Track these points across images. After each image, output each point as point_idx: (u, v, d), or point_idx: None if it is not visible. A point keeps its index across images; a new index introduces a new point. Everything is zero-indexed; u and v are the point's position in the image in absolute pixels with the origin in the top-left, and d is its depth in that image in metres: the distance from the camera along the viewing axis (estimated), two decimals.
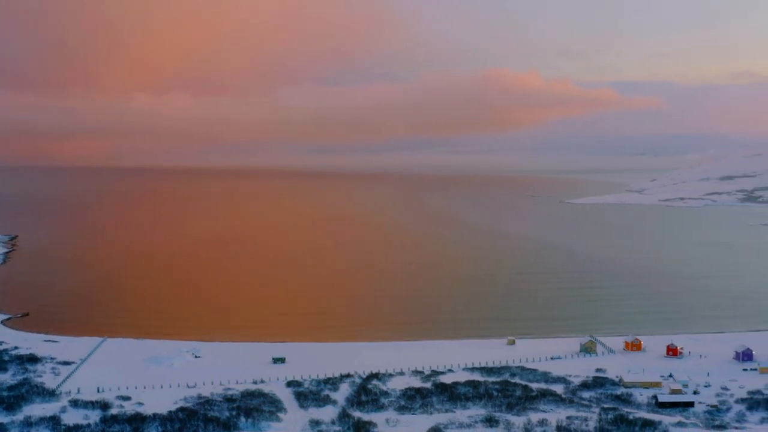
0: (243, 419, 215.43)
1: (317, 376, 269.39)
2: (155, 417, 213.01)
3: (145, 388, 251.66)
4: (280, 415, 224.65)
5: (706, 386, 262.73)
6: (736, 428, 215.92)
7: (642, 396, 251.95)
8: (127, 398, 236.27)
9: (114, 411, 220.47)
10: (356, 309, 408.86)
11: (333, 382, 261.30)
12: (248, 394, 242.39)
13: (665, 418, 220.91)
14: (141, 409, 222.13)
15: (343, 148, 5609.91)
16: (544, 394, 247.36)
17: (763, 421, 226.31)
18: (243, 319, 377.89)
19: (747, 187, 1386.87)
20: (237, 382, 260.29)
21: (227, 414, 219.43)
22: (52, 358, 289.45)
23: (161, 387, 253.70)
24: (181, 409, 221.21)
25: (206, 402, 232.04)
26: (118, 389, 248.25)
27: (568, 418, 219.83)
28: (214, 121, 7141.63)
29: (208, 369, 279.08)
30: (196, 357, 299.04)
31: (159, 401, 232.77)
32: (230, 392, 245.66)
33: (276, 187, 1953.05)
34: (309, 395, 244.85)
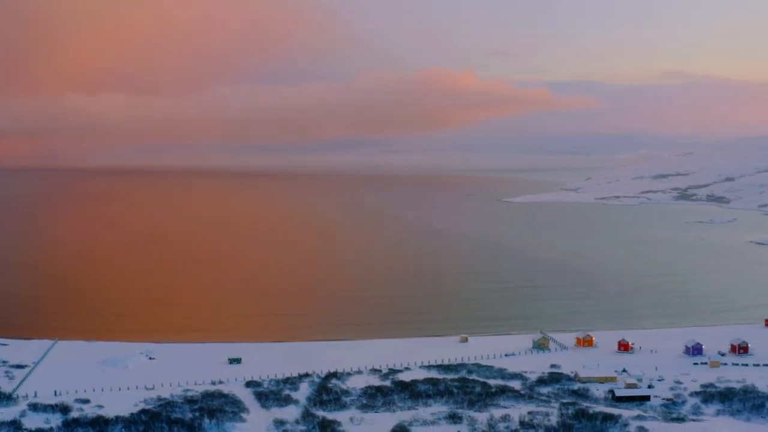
0: (207, 420, 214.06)
1: (275, 376, 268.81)
2: (118, 420, 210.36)
3: (102, 390, 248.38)
4: (243, 415, 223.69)
5: (659, 380, 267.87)
6: (694, 420, 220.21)
7: (598, 391, 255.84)
8: (86, 401, 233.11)
9: (75, 414, 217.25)
10: (307, 309, 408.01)
11: (292, 382, 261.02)
12: (208, 395, 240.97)
13: (624, 412, 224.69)
14: (102, 412, 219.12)
15: (280, 148, 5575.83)
16: (503, 391, 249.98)
17: (718, 413, 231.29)
18: (195, 320, 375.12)
19: (681, 186, 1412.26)
20: (195, 383, 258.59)
21: (190, 415, 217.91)
22: (4, 362, 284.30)
23: (119, 389, 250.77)
24: (143, 411, 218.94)
25: (167, 404, 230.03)
26: (76, 392, 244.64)
27: (530, 413, 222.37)
28: (149, 120, 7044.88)
29: (163, 370, 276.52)
30: (150, 359, 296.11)
31: (119, 403, 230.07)
32: (190, 393, 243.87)
33: (213, 187, 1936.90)
34: (270, 395, 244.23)
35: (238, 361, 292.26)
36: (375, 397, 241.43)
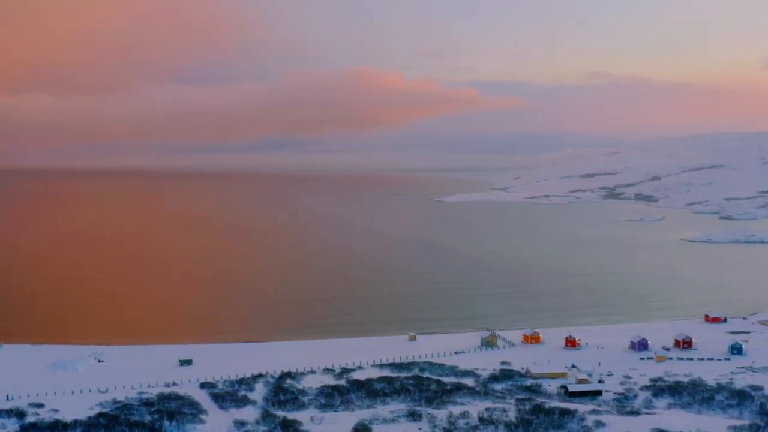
0: (167, 422, 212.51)
1: (229, 377, 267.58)
2: (77, 424, 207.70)
3: (55, 394, 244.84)
4: (202, 417, 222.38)
5: (608, 375, 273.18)
6: (647, 414, 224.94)
7: (550, 386, 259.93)
8: (41, 405, 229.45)
9: (31, 419, 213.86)
10: (254, 310, 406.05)
11: (247, 383, 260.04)
12: (164, 397, 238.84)
13: (579, 407, 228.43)
14: (58, 416, 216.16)
15: (209, 148, 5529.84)
16: (458, 388, 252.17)
17: (670, 406, 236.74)
18: (142, 322, 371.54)
19: (608, 185, 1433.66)
20: (149, 386, 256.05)
21: (149, 418, 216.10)
22: None
23: (72, 393, 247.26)
24: (101, 415, 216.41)
25: (124, 406, 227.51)
26: (28, 396, 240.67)
27: (487, 409, 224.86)
28: (74, 120, 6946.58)
29: (114, 373, 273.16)
30: (99, 361, 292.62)
31: (74, 407, 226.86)
32: (145, 396, 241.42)
33: (143, 187, 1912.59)
34: (226, 396, 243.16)
35: (188, 362, 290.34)
36: (332, 397, 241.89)
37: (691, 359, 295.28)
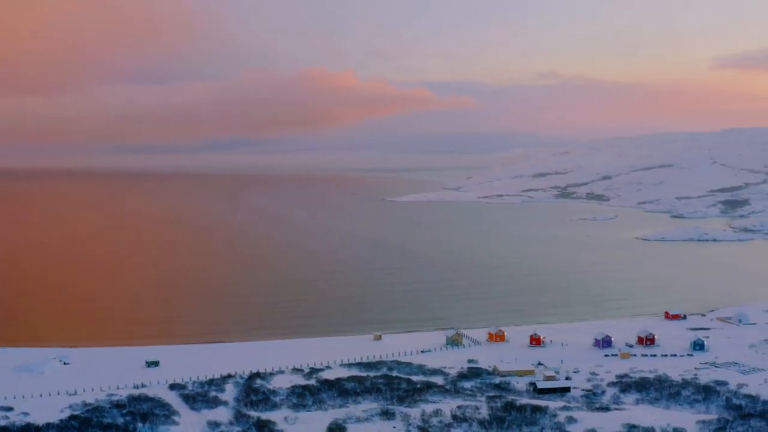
0: (140, 424, 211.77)
1: (198, 378, 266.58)
2: (49, 426, 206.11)
3: (23, 397, 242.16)
4: (175, 418, 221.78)
5: (575, 372, 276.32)
6: (617, 409, 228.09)
7: (519, 384, 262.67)
8: (10, 409, 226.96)
9: (2, 422, 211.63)
10: (216, 311, 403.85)
11: (217, 383, 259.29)
12: (135, 399, 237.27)
13: (550, 404, 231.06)
14: (29, 419, 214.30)
15: (161, 148, 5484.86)
16: (429, 386, 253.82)
17: (638, 402, 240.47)
18: (106, 323, 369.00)
19: (560, 184, 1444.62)
20: (118, 387, 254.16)
21: (122, 420, 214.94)
22: None
23: (40, 396, 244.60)
24: (72, 417, 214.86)
25: (95, 409, 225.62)
26: None
27: (459, 407, 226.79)
28: (23, 120, 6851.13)
29: (81, 375, 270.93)
30: (65, 364, 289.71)
31: (44, 411, 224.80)
32: (115, 398, 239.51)
33: (96, 188, 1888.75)
34: (196, 397, 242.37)
35: (155, 364, 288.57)
36: (304, 396, 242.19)
37: (655, 356, 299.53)
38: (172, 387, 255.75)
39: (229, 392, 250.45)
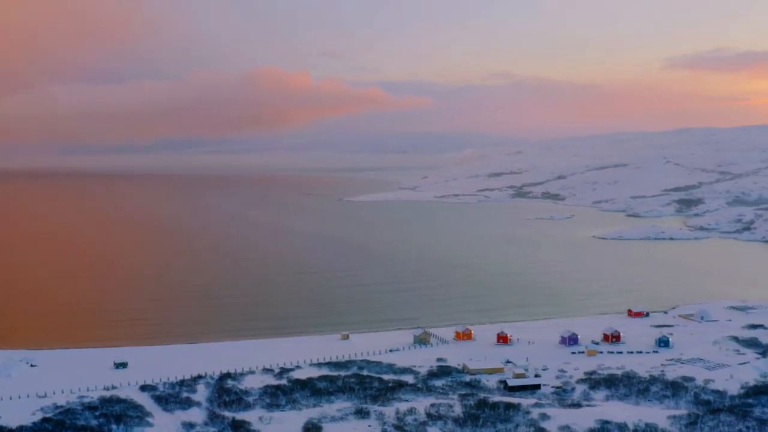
0: (114, 426, 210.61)
1: (168, 379, 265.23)
2: (22, 429, 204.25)
3: None
4: (149, 419, 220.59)
5: (544, 369, 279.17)
6: (588, 406, 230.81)
7: (489, 381, 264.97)
8: None
9: None
10: (181, 312, 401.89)
11: (188, 384, 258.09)
12: (106, 401, 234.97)
13: (522, 401, 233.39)
14: (1, 422, 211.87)
15: (113, 148, 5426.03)
16: (400, 385, 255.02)
17: (608, 398, 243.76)
18: (72, 325, 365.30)
19: (515, 184, 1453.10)
20: (88, 389, 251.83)
21: (96, 422, 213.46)
22: None
23: (10, 398, 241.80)
24: (45, 420, 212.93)
25: (67, 411, 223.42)
26: None
27: (432, 405, 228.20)
28: None
29: (49, 377, 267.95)
30: (32, 366, 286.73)
31: (15, 413, 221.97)
32: (86, 400, 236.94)
33: (50, 189, 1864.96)
34: (169, 398, 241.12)
35: (124, 365, 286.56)
36: (277, 396, 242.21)
37: (621, 353, 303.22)
38: (143, 388, 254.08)
39: (201, 393, 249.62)
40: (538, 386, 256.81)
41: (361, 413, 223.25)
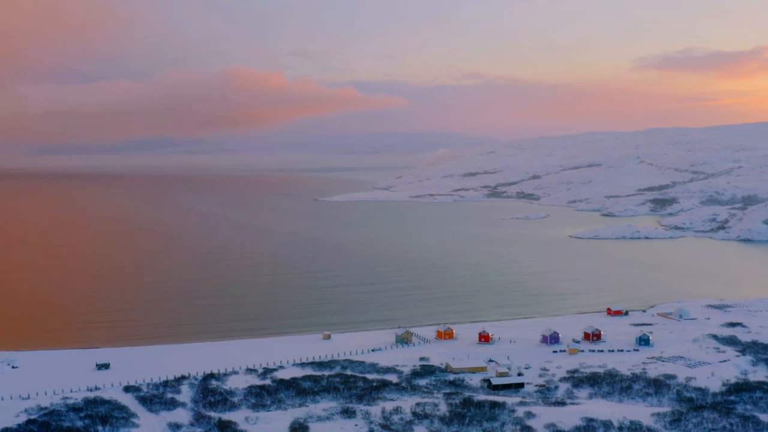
0: (100, 427, 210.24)
1: (152, 380, 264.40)
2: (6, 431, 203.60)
3: None
4: (134, 420, 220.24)
5: (526, 368, 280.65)
6: (572, 404, 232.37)
7: (472, 380, 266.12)
8: None
9: None
10: (162, 313, 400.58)
11: (171, 385, 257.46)
12: (91, 402, 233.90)
13: (507, 399, 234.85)
14: None
15: (86, 148, 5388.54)
16: (384, 384, 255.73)
17: (591, 396, 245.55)
18: (51, 326, 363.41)
19: (490, 183, 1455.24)
20: (71, 391, 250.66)
21: (81, 423, 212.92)
22: None
23: None
24: (30, 422, 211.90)
25: (52, 413, 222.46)
26: None
27: (418, 404, 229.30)
28: None
29: (31, 379, 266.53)
30: (13, 367, 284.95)
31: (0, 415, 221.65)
32: (71, 401, 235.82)
33: (23, 189, 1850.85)
34: (153, 399, 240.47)
35: (106, 366, 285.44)
36: (262, 396, 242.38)
37: (602, 351, 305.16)
38: (127, 389, 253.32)
39: (186, 393, 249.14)
40: (521, 385, 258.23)
41: (347, 413, 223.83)
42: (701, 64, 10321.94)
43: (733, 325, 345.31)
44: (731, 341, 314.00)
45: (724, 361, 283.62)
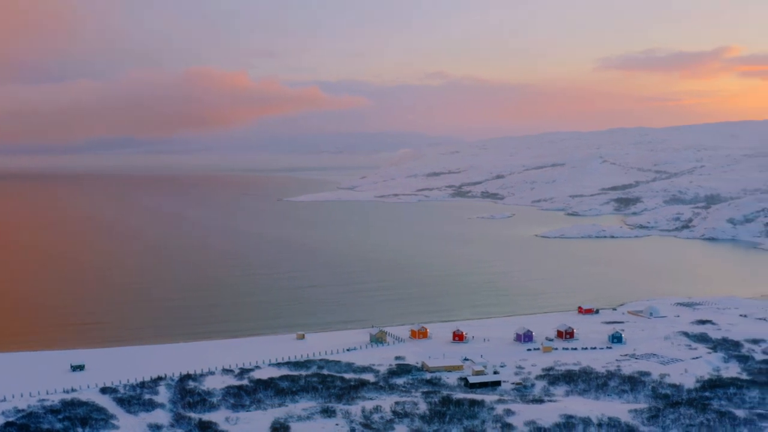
0: (80, 429, 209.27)
1: (128, 381, 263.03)
2: None
3: None
4: (113, 422, 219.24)
5: (502, 366, 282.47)
6: (550, 401, 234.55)
7: (449, 379, 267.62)
8: None
9: None
10: (134, 314, 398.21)
11: (149, 386, 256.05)
12: (68, 404, 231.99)
13: (485, 397, 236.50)
14: None
15: (45, 149, 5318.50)
16: (363, 384, 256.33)
17: (568, 393, 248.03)
18: (24, 328, 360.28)
19: (454, 183, 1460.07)
20: (48, 393, 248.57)
21: (60, 425, 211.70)
22: None
23: None
24: (9, 424, 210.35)
25: (29, 415, 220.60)
26: None
27: (397, 403, 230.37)
28: None
29: (5, 381, 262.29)
30: None
31: None
32: (48, 403, 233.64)
33: None
34: (131, 400, 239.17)
35: (81, 368, 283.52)
36: (241, 397, 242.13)
37: (576, 349, 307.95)
38: (104, 391, 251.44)
39: (163, 394, 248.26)
40: (498, 383, 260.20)
41: (328, 412, 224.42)
42: (663, 65, 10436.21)
43: (702, 322, 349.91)
44: (702, 338, 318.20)
45: (697, 358, 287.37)
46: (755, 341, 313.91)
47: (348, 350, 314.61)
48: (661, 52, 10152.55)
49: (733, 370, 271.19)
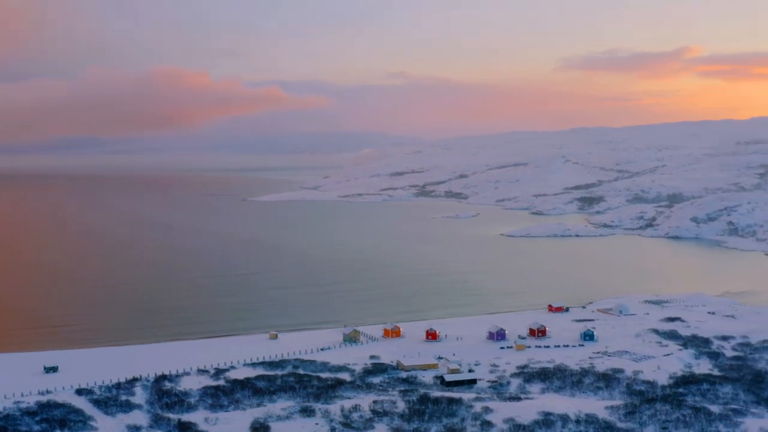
0: (58, 431, 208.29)
1: (103, 382, 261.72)
2: None
3: None
4: (91, 423, 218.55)
5: (476, 365, 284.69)
6: (527, 398, 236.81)
7: (425, 377, 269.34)
8: None
9: None
10: (106, 315, 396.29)
11: (125, 387, 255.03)
12: (44, 406, 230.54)
13: (463, 395, 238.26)
14: None
15: (5, 149, 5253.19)
16: (339, 383, 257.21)
17: (543, 391, 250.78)
18: None
19: (418, 183, 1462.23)
20: (22, 395, 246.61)
21: (38, 428, 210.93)
22: None
23: None
24: None
25: (5, 417, 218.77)
26: None
27: (375, 402, 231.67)
28: None
29: None
30: None
31: None
32: (23, 405, 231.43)
33: None
34: (108, 401, 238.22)
35: (54, 369, 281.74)
36: (219, 397, 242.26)
37: (548, 347, 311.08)
38: (79, 392, 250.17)
39: (140, 395, 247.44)
40: (474, 381, 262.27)
41: (307, 412, 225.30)
42: (624, 65, 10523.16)
43: (672, 319, 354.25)
44: (672, 336, 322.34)
45: (668, 354, 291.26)
46: (724, 338, 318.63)
47: (322, 350, 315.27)
48: (623, 53, 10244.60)
49: (704, 367, 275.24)
